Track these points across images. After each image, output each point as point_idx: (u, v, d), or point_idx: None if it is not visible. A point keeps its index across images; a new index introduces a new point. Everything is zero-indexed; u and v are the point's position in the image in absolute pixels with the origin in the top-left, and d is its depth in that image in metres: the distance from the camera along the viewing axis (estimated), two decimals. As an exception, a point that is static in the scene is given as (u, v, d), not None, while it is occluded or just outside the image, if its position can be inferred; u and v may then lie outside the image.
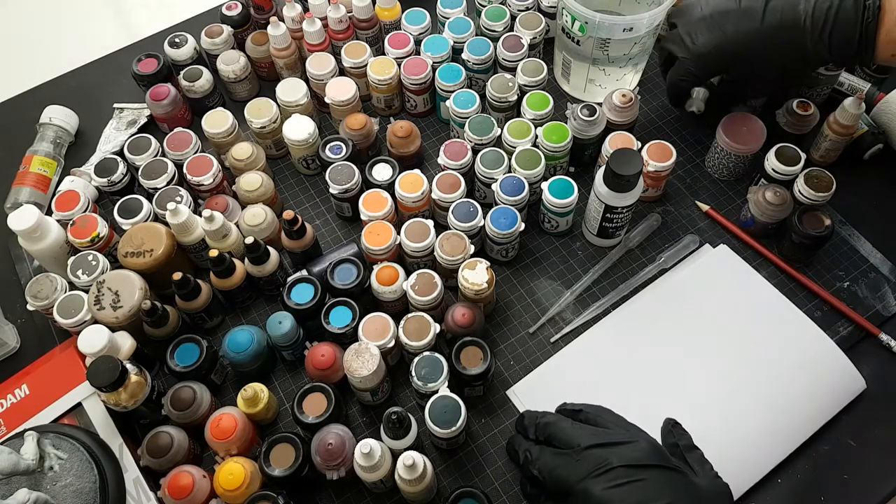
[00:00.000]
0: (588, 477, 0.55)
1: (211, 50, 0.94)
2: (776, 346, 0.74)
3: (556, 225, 0.81)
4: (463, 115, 0.84)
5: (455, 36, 0.90)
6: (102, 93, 0.99)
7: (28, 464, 0.63)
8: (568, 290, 0.79)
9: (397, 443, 0.65)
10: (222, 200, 0.81)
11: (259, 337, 0.72)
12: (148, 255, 0.73)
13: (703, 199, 0.86)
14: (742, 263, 0.80)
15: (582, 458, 0.56)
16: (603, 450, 0.56)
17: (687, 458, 0.59)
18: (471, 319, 0.71)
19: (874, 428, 0.71)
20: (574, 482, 0.56)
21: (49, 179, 0.88)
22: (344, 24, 0.91)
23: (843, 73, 0.88)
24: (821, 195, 0.77)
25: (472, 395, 0.73)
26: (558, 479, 0.57)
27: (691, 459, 0.59)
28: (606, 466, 0.55)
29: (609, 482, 0.54)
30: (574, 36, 0.84)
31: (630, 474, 0.54)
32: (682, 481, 0.56)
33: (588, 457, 0.56)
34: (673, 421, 0.63)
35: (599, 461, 0.55)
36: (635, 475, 0.54)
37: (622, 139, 0.81)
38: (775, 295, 0.77)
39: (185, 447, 0.67)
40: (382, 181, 0.82)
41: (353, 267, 0.74)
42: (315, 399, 0.68)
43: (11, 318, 0.81)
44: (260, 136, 0.88)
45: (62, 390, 0.71)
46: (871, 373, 0.73)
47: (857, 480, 0.69)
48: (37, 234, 0.74)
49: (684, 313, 0.77)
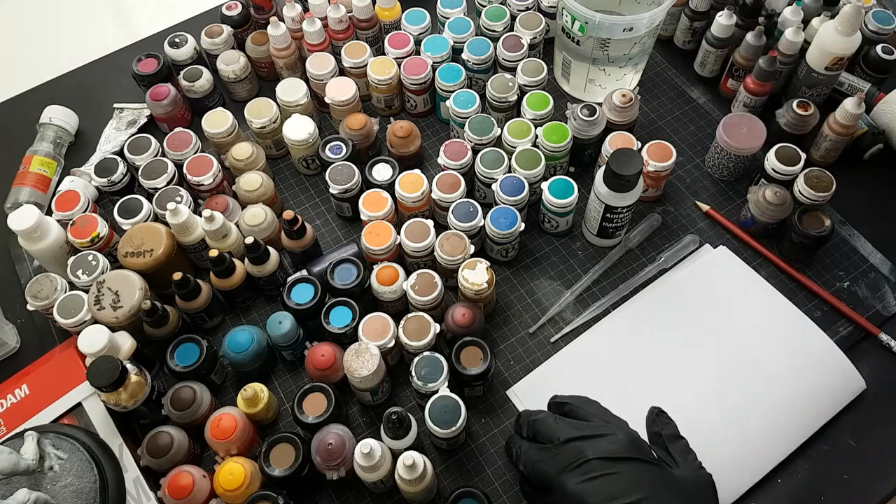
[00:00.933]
0: (564, 471, 0.55)
1: (211, 50, 0.94)
2: (776, 346, 0.74)
3: (556, 225, 0.81)
4: (463, 115, 0.84)
5: (455, 36, 0.90)
6: (102, 93, 0.99)
7: (28, 464, 0.63)
8: (568, 290, 0.79)
9: (397, 443, 0.65)
10: (222, 200, 0.81)
11: (259, 337, 0.72)
12: (148, 255, 0.73)
13: (703, 199, 0.86)
14: (742, 264, 0.80)
15: (560, 452, 0.56)
16: (580, 442, 0.56)
17: (669, 448, 0.59)
18: (471, 319, 0.71)
19: (874, 428, 0.71)
20: (553, 476, 0.56)
21: (49, 179, 0.88)
22: (344, 24, 0.91)
23: (843, 73, 0.88)
24: (821, 195, 0.77)
25: (472, 395, 0.73)
26: (539, 473, 0.57)
27: (674, 450, 0.58)
28: (582, 459, 0.55)
29: (583, 475, 0.54)
30: (574, 36, 0.84)
31: (604, 467, 0.54)
32: (658, 474, 0.55)
33: (566, 450, 0.56)
34: (658, 409, 0.62)
35: (576, 454, 0.55)
36: (609, 468, 0.54)
37: (622, 139, 0.81)
38: (775, 295, 0.77)
39: (185, 447, 0.67)
40: (382, 181, 0.82)
41: (353, 267, 0.74)
42: (315, 399, 0.68)
43: (11, 318, 0.81)
44: (260, 136, 0.88)
45: (62, 390, 0.71)
46: (871, 373, 0.73)
47: (857, 480, 0.69)
48: (37, 234, 0.74)
49: (684, 314, 0.77)
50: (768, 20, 0.89)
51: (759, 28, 0.86)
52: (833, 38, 0.81)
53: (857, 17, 0.79)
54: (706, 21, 0.93)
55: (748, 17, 0.89)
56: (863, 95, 0.81)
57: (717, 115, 0.92)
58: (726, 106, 0.93)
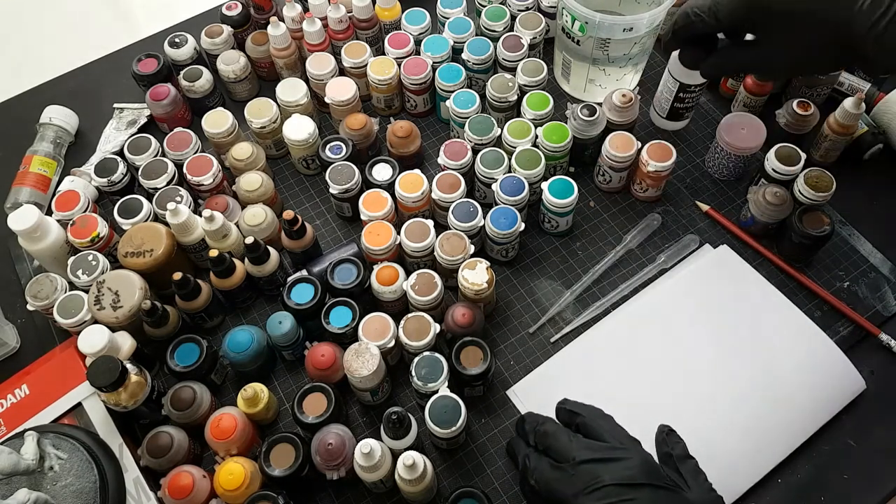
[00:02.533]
0: (580, 494, 0.55)
1: (211, 50, 0.94)
2: (776, 346, 0.74)
3: (556, 225, 0.81)
4: (463, 115, 0.84)
5: (455, 36, 0.90)
6: (102, 93, 0.99)
7: (28, 464, 0.63)
8: (568, 290, 0.79)
9: (397, 443, 0.65)
10: (222, 200, 0.81)
11: (259, 337, 0.72)
12: (148, 255, 0.73)
13: (704, 199, 0.86)
14: (742, 263, 0.80)
15: (576, 474, 0.56)
16: (596, 465, 0.56)
17: (680, 469, 0.58)
18: (471, 319, 0.71)
19: (874, 428, 0.71)
20: (568, 496, 0.56)
21: (49, 179, 0.88)
22: (344, 24, 0.91)
23: (842, 73, 0.88)
24: (821, 195, 0.77)
25: (472, 395, 0.73)
26: (553, 492, 0.57)
27: (685, 470, 0.58)
28: (598, 484, 0.55)
29: (599, 500, 0.54)
30: (574, 36, 0.84)
31: (620, 493, 0.54)
32: (673, 499, 0.55)
33: (581, 472, 0.56)
34: (668, 428, 0.62)
35: (592, 478, 0.55)
36: (625, 494, 0.54)
37: (622, 139, 0.81)
38: (775, 295, 0.77)
39: (185, 447, 0.67)
40: (382, 181, 0.82)
41: (353, 267, 0.74)
42: (315, 399, 0.68)
43: (11, 318, 0.81)
44: (260, 136, 0.88)
45: (62, 390, 0.71)
46: (870, 373, 0.73)
47: (857, 480, 0.69)
48: (37, 234, 0.74)
49: (685, 313, 0.77)
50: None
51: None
52: (833, 38, 0.81)
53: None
54: (706, 21, 0.93)
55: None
56: (863, 95, 0.81)
57: (717, 115, 0.92)
58: (726, 106, 0.93)
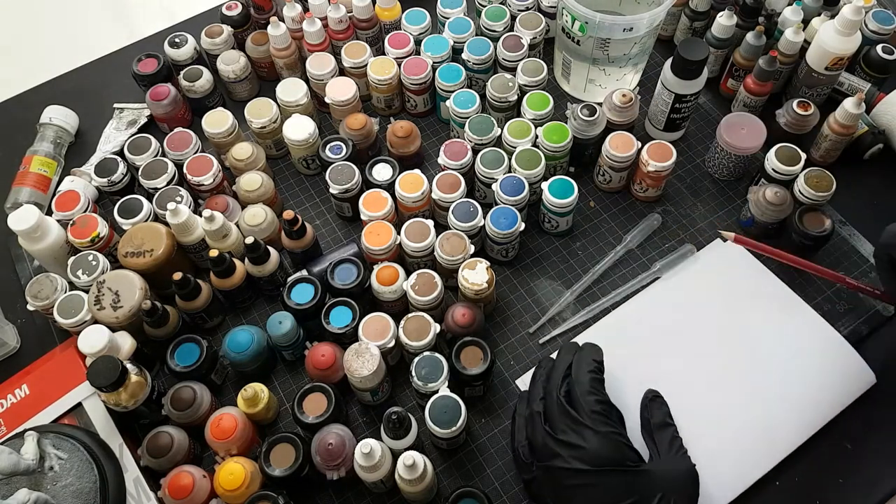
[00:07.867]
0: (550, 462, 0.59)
1: (211, 50, 0.94)
2: (784, 340, 0.74)
3: (556, 225, 0.81)
4: (463, 115, 0.84)
5: (455, 36, 0.90)
6: (102, 93, 0.99)
7: (28, 464, 0.63)
8: (568, 290, 0.79)
9: (397, 443, 0.65)
10: (222, 200, 0.81)
11: (259, 337, 0.72)
12: (148, 255, 0.73)
13: (703, 198, 0.85)
14: (750, 258, 0.79)
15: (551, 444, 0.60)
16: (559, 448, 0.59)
17: (655, 436, 0.60)
18: (471, 319, 0.71)
19: (874, 429, 0.71)
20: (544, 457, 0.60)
21: (49, 179, 0.88)
22: (344, 24, 0.91)
23: (843, 73, 0.88)
24: (821, 195, 0.77)
25: (472, 395, 0.73)
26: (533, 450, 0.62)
27: (659, 439, 0.60)
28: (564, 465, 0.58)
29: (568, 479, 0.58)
30: (574, 36, 0.84)
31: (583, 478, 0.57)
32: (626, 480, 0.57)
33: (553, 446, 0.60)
34: (652, 394, 0.64)
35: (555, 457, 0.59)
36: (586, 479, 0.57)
37: (622, 139, 0.81)
38: (784, 290, 0.77)
39: (185, 447, 0.67)
40: (382, 181, 0.82)
41: (353, 267, 0.74)
42: (315, 399, 0.68)
43: (11, 318, 0.81)
44: (260, 136, 0.88)
45: (62, 390, 0.71)
46: (879, 367, 0.72)
47: (857, 481, 0.68)
48: (37, 234, 0.74)
49: (693, 307, 0.77)
50: (768, 20, 0.89)
51: (759, 28, 0.86)
52: (833, 38, 0.81)
53: (857, 17, 0.79)
54: (706, 21, 0.93)
55: (748, 18, 0.89)
56: (863, 95, 0.81)
57: (717, 115, 0.92)
58: (726, 106, 0.93)
